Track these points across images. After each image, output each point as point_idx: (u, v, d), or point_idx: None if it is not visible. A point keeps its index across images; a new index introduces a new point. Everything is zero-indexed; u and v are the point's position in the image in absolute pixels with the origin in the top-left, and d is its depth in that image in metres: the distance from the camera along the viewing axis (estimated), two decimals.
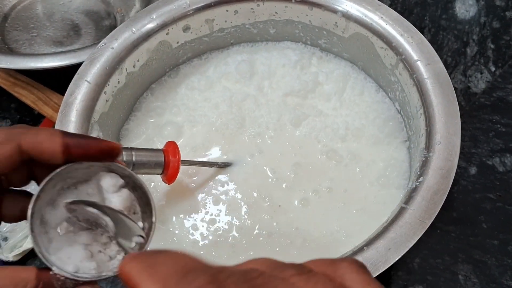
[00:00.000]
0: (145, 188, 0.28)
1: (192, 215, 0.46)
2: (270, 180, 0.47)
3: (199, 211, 0.46)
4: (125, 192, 0.28)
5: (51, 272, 0.25)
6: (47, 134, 0.25)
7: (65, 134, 0.25)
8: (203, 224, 0.45)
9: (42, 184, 0.25)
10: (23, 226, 0.52)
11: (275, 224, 0.45)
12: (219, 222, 0.45)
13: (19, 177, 0.27)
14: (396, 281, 0.48)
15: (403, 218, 0.37)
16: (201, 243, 0.44)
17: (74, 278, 0.25)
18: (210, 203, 0.46)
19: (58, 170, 0.25)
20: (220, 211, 0.46)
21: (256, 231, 0.44)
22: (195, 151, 0.50)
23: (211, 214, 0.46)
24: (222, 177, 0.48)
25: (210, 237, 0.44)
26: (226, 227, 0.45)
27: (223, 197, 0.47)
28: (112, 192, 0.27)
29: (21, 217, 0.27)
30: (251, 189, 0.47)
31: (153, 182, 0.48)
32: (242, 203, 0.46)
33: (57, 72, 0.56)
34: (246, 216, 0.45)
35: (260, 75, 0.54)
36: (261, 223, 0.45)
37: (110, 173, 0.27)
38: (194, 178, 0.48)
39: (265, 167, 0.48)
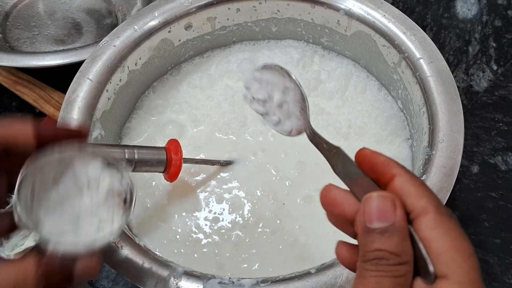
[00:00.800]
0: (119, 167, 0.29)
1: (195, 214, 0.46)
2: (273, 178, 0.47)
3: (202, 209, 0.46)
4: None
5: (48, 253, 0.26)
6: (19, 122, 0.27)
7: (35, 121, 0.28)
8: (206, 223, 0.45)
9: (21, 173, 0.26)
10: None
11: (278, 222, 0.44)
12: (222, 220, 0.45)
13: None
14: None
15: None
16: (204, 241, 0.44)
17: (70, 252, 0.26)
18: (213, 202, 0.46)
19: (32, 161, 0.27)
20: (223, 209, 0.46)
21: (260, 229, 0.44)
22: (197, 150, 0.50)
23: (214, 213, 0.46)
24: (225, 175, 0.48)
25: (213, 235, 0.44)
26: (230, 225, 0.45)
27: (226, 195, 0.47)
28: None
29: (11, 230, 0.29)
30: (255, 187, 0.46)
31: (155, 181, 0.47)
32: (246, 201, 0.46)
33: (58, 70, 0.56)
34: (249, 214, 0.45)
35: None
36: (264, 221, 0.45)
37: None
38: (197, 178, 0.48)
39: (268, 165, 0.48)
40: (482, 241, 0.49)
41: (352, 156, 0.26)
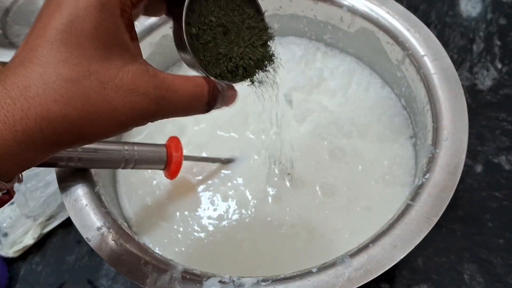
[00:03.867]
0: None
1: (197, 212, 0.45)
2: (275, 176, 0.47)
3: (205, 207, 0.46)
4: None
5: (212, 78, 0.28)
6: None
7: None
8: (209, 221, 0.45)
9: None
10: (23, 222, 0.52)
11: (281, 219, 0.44)
12: (225, 218, 0.45)
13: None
14: (401, 280, 0.47)
15: (409, 215, 0.37)
16: (206, 240, 0.44)
17: (229, 83, 0.29)
18: (217, 200, 0.46)
19: None
20: (228, 207, 0.46)
21: (263, 226, 0.44)
22: (199, 149, 0.49)
23: (218, 211, 0.45)
24: (226, 173, 0.47)
25: (216, 233, 0.44)
26: (234, 223, 0.45)
27: (230, 193, 0.46)
28: None
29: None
30: (256, 185, 0.46)
31: (155, 180, 0.47)
32: (249, 198, 0.46)
33: None
34: (252, 212, 0.45)
35: None
36: (267, 218, 0.44)
37: None
38: (199, 177, 0.47)
39: (270, 164, 0.47)
40: (486, 241, 0.48)
41: None
